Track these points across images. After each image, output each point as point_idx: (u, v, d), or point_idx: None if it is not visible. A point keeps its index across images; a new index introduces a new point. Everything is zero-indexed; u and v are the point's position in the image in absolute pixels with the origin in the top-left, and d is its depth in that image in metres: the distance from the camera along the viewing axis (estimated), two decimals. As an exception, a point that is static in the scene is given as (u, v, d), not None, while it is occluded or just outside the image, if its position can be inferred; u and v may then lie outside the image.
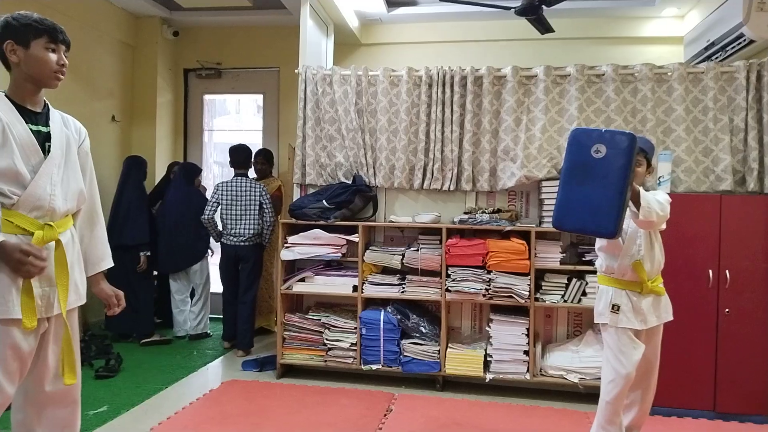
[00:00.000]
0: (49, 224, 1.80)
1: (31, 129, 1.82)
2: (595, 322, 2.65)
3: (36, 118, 1.87)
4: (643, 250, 2.51)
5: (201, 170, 5.25)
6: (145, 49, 5.55)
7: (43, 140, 1.85)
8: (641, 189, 2.35)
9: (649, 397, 2.72)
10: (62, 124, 1.97)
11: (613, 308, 2.52)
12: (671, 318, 2.62)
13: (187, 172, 5.01)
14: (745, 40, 3.83)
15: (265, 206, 4.52)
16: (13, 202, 1.73)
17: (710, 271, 3.33)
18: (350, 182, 4.04)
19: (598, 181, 2.23)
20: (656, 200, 2.38)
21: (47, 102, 1.97)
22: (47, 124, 1.90)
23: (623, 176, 2.21)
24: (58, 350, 1.87)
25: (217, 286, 5.02)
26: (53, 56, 1.89)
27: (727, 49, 4.06)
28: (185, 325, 4.93)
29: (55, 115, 1.96)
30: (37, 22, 1.87)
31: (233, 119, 7.71)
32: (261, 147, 5.32)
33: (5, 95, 1.83)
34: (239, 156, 4.68)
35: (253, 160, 4.91)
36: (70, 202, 1.90)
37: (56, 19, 1.96)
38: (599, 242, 2.65)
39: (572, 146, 2.33)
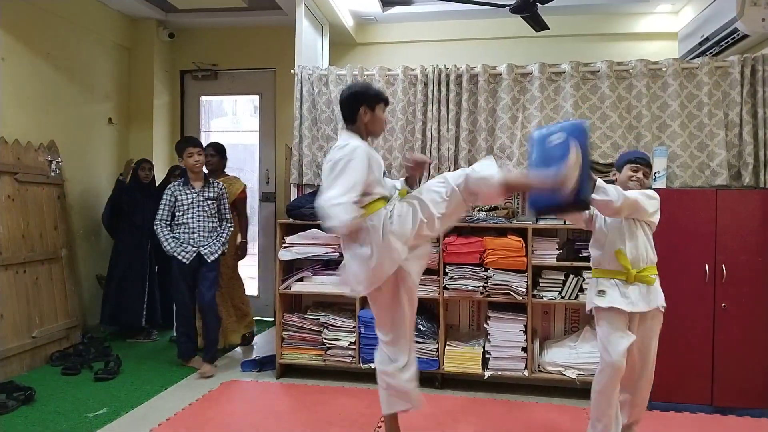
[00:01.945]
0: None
1: None
2: (586, 309, 2.75)
3: None
4: (624, 241, 2.62)
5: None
6: (141, 51, 5.55)
7: None
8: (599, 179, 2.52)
9: (645, 392, 2.75)
10: None
11: (599, 293, 2.64)
12: (662, 304, 2.64)
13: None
14: (739, 35, 3.84)
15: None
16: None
17: (706, 266, 3.34)
18: (347, 182, 4.04)
19: (558, 161, 2.35)
20: (615, 188, 2.51)
21: None
22: None
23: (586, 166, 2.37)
24: None
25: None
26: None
27: (722, 44, 4.07)
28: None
29: None
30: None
31: (230, 120, 7.72)
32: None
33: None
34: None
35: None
36: None
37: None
38: (592, 238, 2.77)
39: (534, 143, 2.59)
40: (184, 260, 3.96)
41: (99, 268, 5.13)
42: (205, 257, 4.01)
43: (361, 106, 2.52)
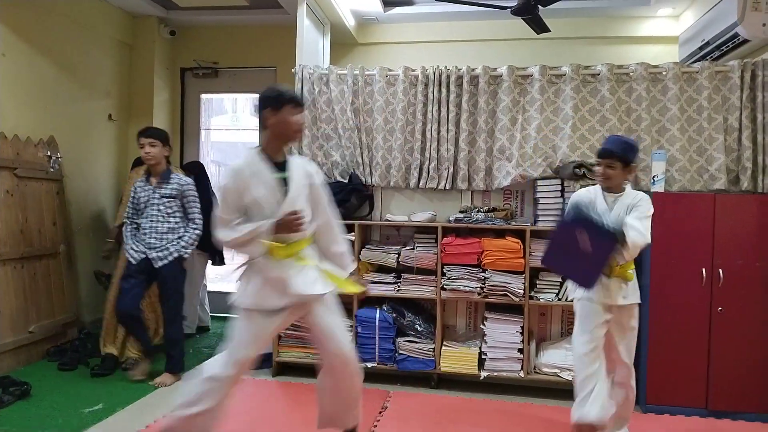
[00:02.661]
0: (289, 243, 2.39)
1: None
2: (569, 298, 2.87)
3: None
4: None
5: None
6: (142, 48, 5.55)
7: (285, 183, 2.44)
8: (626, 236, 2.53)
9: (629, 392, 2.86)
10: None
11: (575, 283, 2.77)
12: (638, 301, 2.77)
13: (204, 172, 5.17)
14: (739, 40, 3.84)
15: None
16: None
17: (704, 270, 3.34)
18: (346, 181, 4.05)
19: (580, 263, 2.57)
20: (639, 233, 2.56)
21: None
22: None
23: (602, 264, 2.57)
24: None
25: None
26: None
27: (722, 48, 4.07)
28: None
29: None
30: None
31: (230, 118, 7.72)
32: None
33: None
34: None
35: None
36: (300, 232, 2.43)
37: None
38: None
39: (561, 230, 2.70)
40: (131, 259, 3.69)
41: (97, 264, 5.13)
42: (153, 262, 3.66)
43: (265, 109, 2.40)
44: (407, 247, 3.88)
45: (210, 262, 5.15)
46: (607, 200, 2.74)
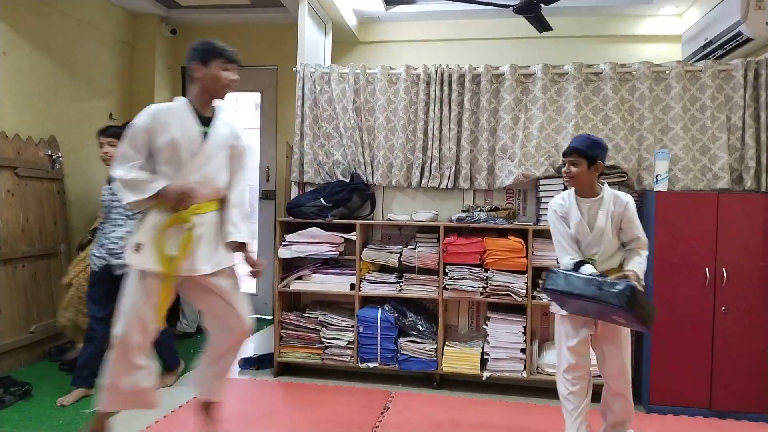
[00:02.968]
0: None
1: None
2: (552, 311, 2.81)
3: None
4: (600, 253, 2.62)
5: None
6: (143, 47, 5.53)
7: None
8: (634, 275, 2.47)
9: (624, 400, 2.73)
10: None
11: None
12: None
13: None
14: (742, 38, 3.82)
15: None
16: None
17: (707, 269, 3.33)
18: (348, 180, 4.04)
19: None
20: (643, 262, 2.58)
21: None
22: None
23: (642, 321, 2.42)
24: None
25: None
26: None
27: (725, 47, 4.05)
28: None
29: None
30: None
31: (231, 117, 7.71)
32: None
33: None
34: None
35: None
36: (208, 191, 2.37)
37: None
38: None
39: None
40: (93, 266, 3.44)
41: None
42: (113, 269, 3.33)
43: (193, 61, 2.37)
44: (409, 247, 3.87)
45: None
46: (582, 207, 2.64)
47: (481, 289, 3.66)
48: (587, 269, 2.53)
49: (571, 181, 2.64)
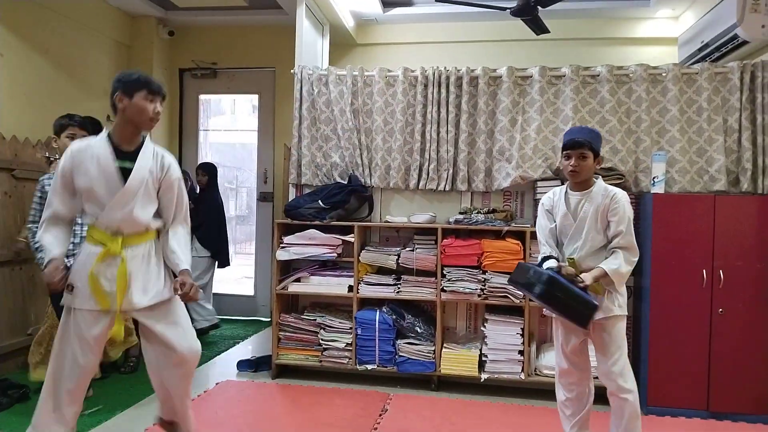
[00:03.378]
0: (115, 240, 2.25)
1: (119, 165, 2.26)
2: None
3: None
4: (581, 246, 2.55)
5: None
6: (141, 48, 5.53)
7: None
8: (600, 272, 2.45)
9: (619, 401, 2.61)
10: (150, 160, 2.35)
11: None
12: (606, 315, 2.49)
13: (215, 174, 5.35)
14: (738, 41, 3.85)
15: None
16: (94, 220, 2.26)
17: (704, 271, 3.34)
18: (346, 182, 4.04)
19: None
20: (623, 268, 2.47)
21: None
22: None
23: (566, 310, 2.43)
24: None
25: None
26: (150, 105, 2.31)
27: (721, 49, 4.07)
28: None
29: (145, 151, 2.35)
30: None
31: (229, 119, 7.71)
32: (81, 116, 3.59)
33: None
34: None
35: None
36: (136, 226, 2.30)
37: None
38: None
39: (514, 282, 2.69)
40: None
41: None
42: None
43: (115, 93, 2.26)
44: (407, 249, 3.87)
45: (216, 263, 5.15)
46: (571, 201, 2.58)
47: (479, 290, 3.67)
48: (548, 263, 2.53)
49: (575, 175, 2.54)
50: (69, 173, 2.24)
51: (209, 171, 5.25)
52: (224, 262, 5.21)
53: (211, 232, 5.09)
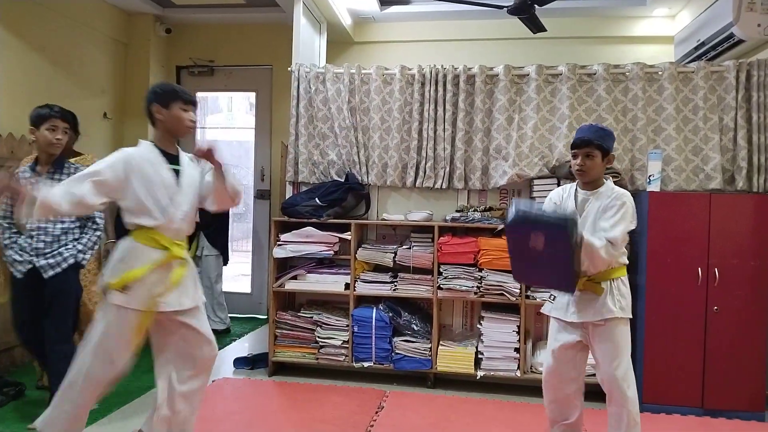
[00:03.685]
0: (178, 243, 2.37)
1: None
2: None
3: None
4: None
5: None
6: (138, 46, 5.52)
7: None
8: (586, 244, 2.31)
9: (623, 414, 2.52)
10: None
11: (550, 297, 2.64)
12: (605, 317, 2.44)
13: None
14: (735, 40, 3.86)
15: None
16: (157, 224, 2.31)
17: (699, 269, 3.35)
18: (343, 180, 4.05)
19: (545, 267, 2.33)
20: (598, 247, 2.33)
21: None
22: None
23: (568, 260, 2.26)
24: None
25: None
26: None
27: (717, 48, 4.08)
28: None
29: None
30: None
31: (225, 117, 7.70)
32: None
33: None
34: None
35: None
36: (190, 227, 2.45)
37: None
38: None
39: (510, 230, 2.35)
40: (16, 273, 2.93)
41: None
42: (41, 271, 2.89)
43: (153, 105, 2.38)
44: (404, 247, 3.88)
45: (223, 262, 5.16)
46: (578, 198, 2.55)
47: (475, 288, 3.68)
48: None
49: (582, 175, 2.50)
50: (120, 176, 2.26)
51: None
52: (226, 260, 5.22)
53: (219, 230, 5.08)
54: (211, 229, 4.97)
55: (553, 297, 2.63)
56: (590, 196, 2.53)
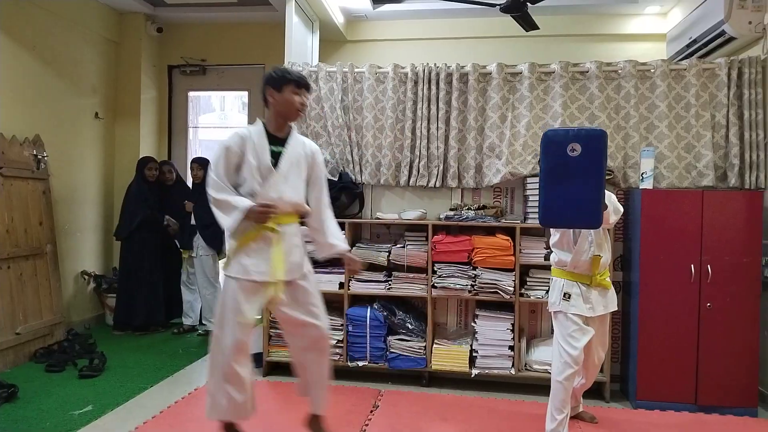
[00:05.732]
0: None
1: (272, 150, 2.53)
2: (549, 310, 2.91)
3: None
4: (594, 248, 2.75)
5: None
6: (129, 45, 5.50)
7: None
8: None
9: (592, 375, 3.05)
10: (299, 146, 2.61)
11: (564, 296, 2.79)
12: (616, 308, 2.93)
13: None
14: (726, 37, 3.87)
15: None
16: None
17: (692, 266, 3.37)
18: (336, 179, 4.03)
19: (577, 179, 2.39)
20: (612, 202, 2.68)
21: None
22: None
23: (599, 171, 2.40)
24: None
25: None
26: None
27: (709, 46, 4.10)
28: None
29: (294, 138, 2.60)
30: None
31: (218, 116, 7.67)
32: None
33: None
34: None
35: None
36: (287, 206, 2.53)
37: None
38: (553, 239, 2.89)
39: (549, 147, 2.48)
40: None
41: (84, 264, 5.09)
42: None
43: (267, 88, 2.53)
44: (398, 246, 3.87)
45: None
46: None
47: (469, 287, 3.68)
48: None
49: None
50: (232, 154, 2.46)
51: (205, 165, 5.14)
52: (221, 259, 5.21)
53: (217, 229, 5.02)
54: (211, 230, 4.94)
55: (567, 295, 2.78)
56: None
